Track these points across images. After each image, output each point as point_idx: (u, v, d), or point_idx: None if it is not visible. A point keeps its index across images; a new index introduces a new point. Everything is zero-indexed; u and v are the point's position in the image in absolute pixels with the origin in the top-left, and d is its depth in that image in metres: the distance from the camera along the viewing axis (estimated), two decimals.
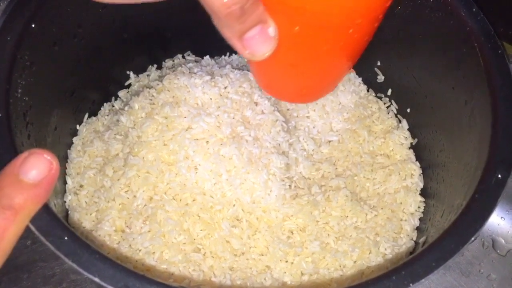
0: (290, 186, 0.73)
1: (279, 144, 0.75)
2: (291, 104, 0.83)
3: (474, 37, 0.64)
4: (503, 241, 0.84)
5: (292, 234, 0.69)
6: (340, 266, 0.68)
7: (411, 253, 0.71)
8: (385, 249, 0.70)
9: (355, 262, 0.69)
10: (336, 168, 0.79)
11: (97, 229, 0.67)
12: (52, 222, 0.48)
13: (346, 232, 0.71)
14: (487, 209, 0.52)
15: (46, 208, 0.48)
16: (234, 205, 0.69)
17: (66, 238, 0.47)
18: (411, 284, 0.47)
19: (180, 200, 0.69)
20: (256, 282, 0.66)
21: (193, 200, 0.69)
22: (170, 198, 0.68)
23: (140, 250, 0.65)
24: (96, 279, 0.45)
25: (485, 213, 0.52)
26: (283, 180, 0.73)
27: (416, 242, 0.72)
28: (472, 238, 0.51)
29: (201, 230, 0.67)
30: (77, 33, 0.71)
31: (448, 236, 0.52)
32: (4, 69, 0.56)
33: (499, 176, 0.54)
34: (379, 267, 0.68)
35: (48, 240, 0.46)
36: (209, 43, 0.91)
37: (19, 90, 0.58)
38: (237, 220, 0.69)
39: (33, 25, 0.60)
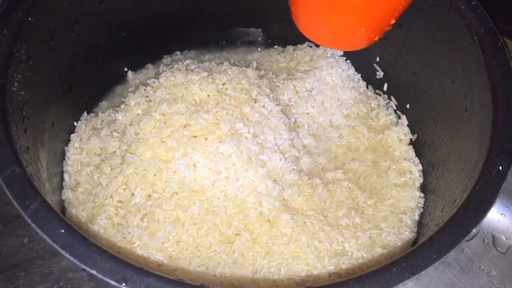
0: (290, 182, 0.73)
1: (280, 141, 0.74)
2: (290, 100, 0.83)
3: (474, 30, 0.63)
4: (503, 237, 0.84)
5: (293, 229, 0.69)
6: (341, 259, 0.68)
7: (411, 246, 0.70)
8: (386, 242, 0.69)
9: (356, 254, 0.68)
10: (336, 164, 0.79)
11: (94, 224, 0.67)
12: (49, 215, 0.47)
13: (347, 226, 0.70)
14: (488, 201, 0.52)
15: (42, 201, 0.47)
16: (233, 202, 0.69)
17: (62, 230, 0.46)
18: (411, 276, 0.47)
19: (179, 198, 0.68)
20: (257, 277, 0.65)
21: (192, 198, 0.68)
22: (168, 196, 0.68)
23: (138, 245, 0.64)
24: (94, 272, 0.44)
25: (486, 205, 0.52)
26: (284, 177, 0.72)
27: (417, 236, 0.72)
28: (473, 230, 0.50)
29: (200, 228, 0.67)
30: (74, 29, 0.71)
31: (449, 228, 0.51)
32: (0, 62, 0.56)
33: (500, 168, 0.53)
34: (379, 259, 0.67)
35: (44, 233, 0.46)
36: (207, 40, 0.92)
37: (16, 84, 0.57)
38: (236, 218, 0.68)
39: (29, 19, 0.60)
